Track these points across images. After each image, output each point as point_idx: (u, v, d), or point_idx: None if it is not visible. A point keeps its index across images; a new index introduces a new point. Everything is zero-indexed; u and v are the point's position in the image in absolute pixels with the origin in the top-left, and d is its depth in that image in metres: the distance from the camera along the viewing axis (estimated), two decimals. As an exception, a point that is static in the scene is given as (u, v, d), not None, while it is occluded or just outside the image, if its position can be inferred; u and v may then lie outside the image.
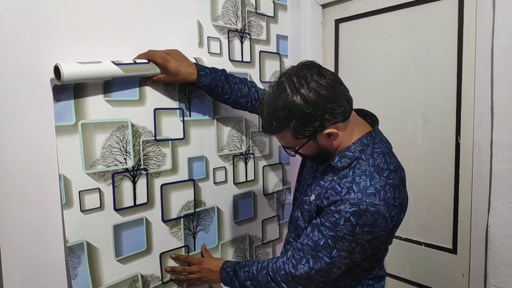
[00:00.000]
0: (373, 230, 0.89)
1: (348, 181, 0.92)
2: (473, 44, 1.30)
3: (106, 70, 1.00)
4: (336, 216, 0.89)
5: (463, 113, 1.35)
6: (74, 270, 0.99)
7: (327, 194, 0.95)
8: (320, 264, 0.93)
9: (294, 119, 0.88)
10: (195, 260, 1.22)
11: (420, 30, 1.45)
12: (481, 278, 1.33)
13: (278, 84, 0.91)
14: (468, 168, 1.35)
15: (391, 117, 1.53)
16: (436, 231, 1.47)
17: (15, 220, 0.93)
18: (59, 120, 0.96)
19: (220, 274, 1.14)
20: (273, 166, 1.55)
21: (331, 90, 0.89)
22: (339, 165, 0.95)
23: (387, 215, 0.89)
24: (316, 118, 0.88)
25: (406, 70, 1.50)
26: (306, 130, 0.90)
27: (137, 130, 1.11)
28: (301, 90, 0.87)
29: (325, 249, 0.92)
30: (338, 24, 1.72)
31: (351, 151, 0.95)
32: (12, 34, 0.90)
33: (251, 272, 1.05)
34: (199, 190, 1.28)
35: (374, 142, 0.97)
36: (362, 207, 0.87)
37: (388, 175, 0.92)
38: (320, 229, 0.93)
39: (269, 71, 1.52)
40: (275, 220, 1.58)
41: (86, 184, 1.01)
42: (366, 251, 0.94)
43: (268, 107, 0.91)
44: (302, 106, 0.87)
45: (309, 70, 0.90)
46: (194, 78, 1.15)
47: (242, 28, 1.41)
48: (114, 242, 1.07)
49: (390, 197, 0.90)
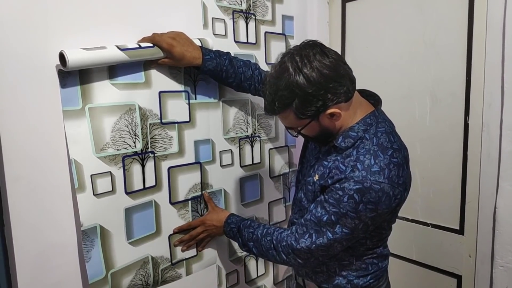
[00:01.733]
0: (377, 207, 0.90)
1: (352, 160, 0.93)
2: (484, 23, 1.27)
3: (112, 55, 0.99)
4: (340, 193, 0.90)
5: (472, 93, 1.33)
6: (88, 253, 1.00)
7: (331, 173, 0.95)
8: (322, 239, 0.94)
9: (297, 99, 0.88)
10: (197, 222, 1.24)
11: (430, 8, 1.42)
12: (488, 258, 1.34)
13: (280, 64, 0.91)
14: (476, 149, 1.34)
15: (399, 98, 1.52)
16: (443, 212, 1.47)
17: (25, 202, 0.94)
18: (66, 105, 0.96)
19: (224, 227, 1.17)
20: (279, 149, 1.55)
21: (334, 69, 0.88)
22: (342, 145, 0.95)
23: (391, 193, 0.90)
24: (318, 97, 0.88)
25: (415, 50, 1.47)
26: (309, 110, 0.89)
27: (144, 113, 1.10)
28: (303, 69, 0.86)
29: (328, 225, 0.93)
30: (345, 4, 1.68)
31: (354, 131, 0.95)
32: (15, 18, 0.89)
33: (255, 234, 1.07)
34: (206, 173, 1.29)
35: (378, 121, 0.97)
36: (366, 185, 0.88)
37: (392, 153, 0.92)
38: (324, 205, 0.94)
39: (275, 52, 1.49)
40: (281, 202, 1.59)
41: (97, 168, 1.01)
42: (368, 228, 0.95)
43: (270, 87, 0.91)
44: (305, 86, 0.86)
45: (312, 50, 0.89)
46: (199, 62, 1.14)
47: (247, 9, 1.38)
48: (126, 225, 1.08)
49: (394, 175, 0.90)
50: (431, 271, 1.53)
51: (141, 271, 1.12)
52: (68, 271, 1.03)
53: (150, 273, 1.15)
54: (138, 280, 1.11)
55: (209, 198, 1.29)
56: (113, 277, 1.04)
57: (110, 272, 1.04)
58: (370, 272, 1.05)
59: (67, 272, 1.02)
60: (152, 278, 1.16)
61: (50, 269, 0.99)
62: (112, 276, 1.04)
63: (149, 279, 1.15)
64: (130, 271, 1.09)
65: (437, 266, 1.51)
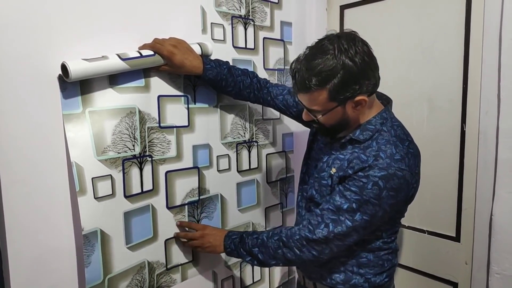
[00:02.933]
0: (397, 194, 0.94)
1: (373, 150, 0.96)
2: (480, 30, 1.28)
3: (113, 66, 0.99)
4: (363, 181, 0.93)
5: (469, 100, 1.34)
6: (88, 258, 0.98)
7: (352, 164, 0.98)
8: (341, 227, 0.95)
9: (336, 78, 0.89)
10: (199, 226, 1.22)
11: (427, 15, 1.43)
12: (484, 266, 1.34)
13: (318, 45, 0.93)
14: (473, 156, 1.35)
15: (396, 104, 1.50)
16: (440, 219, 1.48)
17: (21, 205, 0.93)
18: (66, 109, 0.95)
19: (224, 241, 1.13)
20: (276, 154, 1.55)
21: (372, 59, 0.93)
22: (361, 137, 0.99)
23: (410, 181, 0.96)
24: (356, 82, 0.91)
25: (412, 57, 1.48)
26: (344, 92, 0.91)
27: (143, 116, 1.10)
28: (350, 50, 0.89)
29: (348, 212, 0.94)
30: (343, 10, 1.69)
31: (372, 124, 1.00)
32: (16, 21, 0.88)
33: (260, 238, 1.06)
34: (203, 178, 1.28)
35: (391, 117, 1.03)
36: (390, 171, 0.92)
37: (409, 145, 0.99)
38: (344, 194, 0.95)
39: (273, 58, 1.50)
40: (278, 207, 1.58)
41: (98, 171, 1.00)
42: (385, 217, 0.98)
43: (308, 64, 0.91)
44: (349, 66, 0.89)
45: (354, 37, 0.93)
46: (199, 72, 1.15)
47: (246, 14, 1.39)
48: (125, 229, 1.07)
49: (412, 164, 0.96)
50: (427, 278, 1.53)
51: (137, 276, 1.11)
52: (64, 275, 1.01)
53: (145, 278, 1.14)
54: (134, 285, 1.10)
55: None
56: (110, 282, 1.03)
57: (107, 278, 1.03)
58: (386, 269, 1.07)
59: (63, 276, 1.01)
60: (147, 283, 1.14)
61: (46, 273, 0.98)
62: (109, 281, 1.03)
63: (145, 284, 1.14)
64: (127, 276, 1.08)
65: (434, 273, 1.51)
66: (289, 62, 1.56)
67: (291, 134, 1.60)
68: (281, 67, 1.53)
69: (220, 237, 1.14)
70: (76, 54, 0.96)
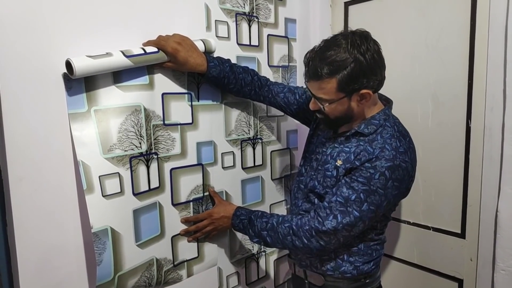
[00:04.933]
0: (400, 185, 1.00)
1: (379, 142, 1.01)
2: (486, 26, 1.27)
3: (117, 62, 1.00)
4: (371, 172, 0.97)
5: (475, 96, 1.33)
6: (100, 256, 0.98)
7: (359, 155, 1.02)
8: (348, 218, 0.99)
9: (346, 70, 0.95)
10: (204, 214, 1.25)
11: (432, 11, 1.42)
12: (489, 262, 1.33)
13: (333, 40, 0.98)
14: (478, 152, 1.34)
15: (401, 101, 1.51)
16: (444, 215, 1.47)
17: (28, 203, 0.94)
18: (72, 108, 0.96)
19: (232, 219, 1.18)
20: (281, 151, 1.55)
21: (381, 58, 0.99)
22: (366, 131, 1.04)
23: (411, 173, 1.02)
24: (364, 76, 0.96)
25: (417, 53, 1.47)
26: (352, 83, 0.96)
27: (148, 114, 1.11)
28: (362, 46, 0.95)
29: (356, 203, 0.98)
30: (347, 7, 1.68)
31: (376, 119, 1.05)
32: (19, 19, 0.89)
33: (270, 223, 1.09)
34: (208, 175, 1.29)
35: (392, 115, 1.10)
36: (396, 162, 0.97)
37: (409, 140, 1.06)
38: (352, 185, 0.99)
39: (277, 55, 1.50)
40: (283, 204, 1.59)
41: (105, 169, 1.00)
42: (389, 206, 1.03)
43: (322, 54, 0.97)
44: (360, 61, 0.94)
45: (367, 35, 0.99)
46: (203, 69, 1.16)
47: (250, 11, 1.39)
48: (134, 227, 1.07)
49: (413, 158, 1.04)
50: (432, 275, 1.53)
51: (146, 273, 1.12)
52: (71, 272, 1.02)
53: (154, 275, 1.15)
54: (142, 282, 1.11)
55: (215, 192, 1.30)
56: (119, 279, 1.04)
57: (117, 275, 1.03)
58: (374, 257, 1.13)
59: (70, 273, 1.02)
60: (155, 279, 1.15)
61: (53, 270, 0.99)
62: (119, 278, 1.04)
63: (153, 281, 1.15)
64: (136, 273, 1.09)
65: (438, 270, 1.51)
66: (293, 59, 1.56)
67: (295, 131, 1.60)
68: (285, 64, 1.53)
69: (228, 218, 1.20)
70: (81, 51, 0.96)
